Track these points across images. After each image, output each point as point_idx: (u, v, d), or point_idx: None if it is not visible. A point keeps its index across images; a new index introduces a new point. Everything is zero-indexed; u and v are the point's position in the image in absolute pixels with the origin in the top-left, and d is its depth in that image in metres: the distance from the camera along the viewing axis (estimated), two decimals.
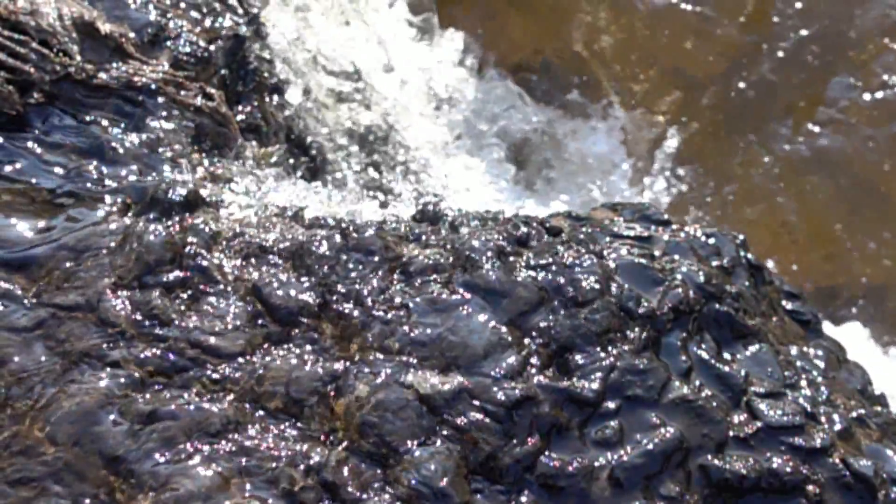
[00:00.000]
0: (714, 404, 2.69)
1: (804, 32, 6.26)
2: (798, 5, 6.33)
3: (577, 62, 6.21)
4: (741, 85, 6.21)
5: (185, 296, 2.69)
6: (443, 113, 5.45)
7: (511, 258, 2.84)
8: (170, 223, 2.83)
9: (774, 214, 5.91)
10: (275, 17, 4.11)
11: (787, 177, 5.99)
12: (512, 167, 5.68)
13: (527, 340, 2.69)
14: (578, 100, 6.13)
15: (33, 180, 2.91)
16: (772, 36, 6.30)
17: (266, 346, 2.63)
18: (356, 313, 2.70)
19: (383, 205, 3.94)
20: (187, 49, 3.47)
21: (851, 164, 6.02)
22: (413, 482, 2.42)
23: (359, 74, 4.61)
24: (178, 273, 2.72)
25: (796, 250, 5.81)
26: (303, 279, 2.76)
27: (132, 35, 3.34)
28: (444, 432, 2.51)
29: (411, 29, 5.46)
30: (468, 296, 2.73)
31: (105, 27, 3.27)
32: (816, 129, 6.06)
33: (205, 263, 2.74)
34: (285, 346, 2.63)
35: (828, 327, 3.68)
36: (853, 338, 5.13)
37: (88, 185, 2.94)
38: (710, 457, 2.63)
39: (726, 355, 2.87)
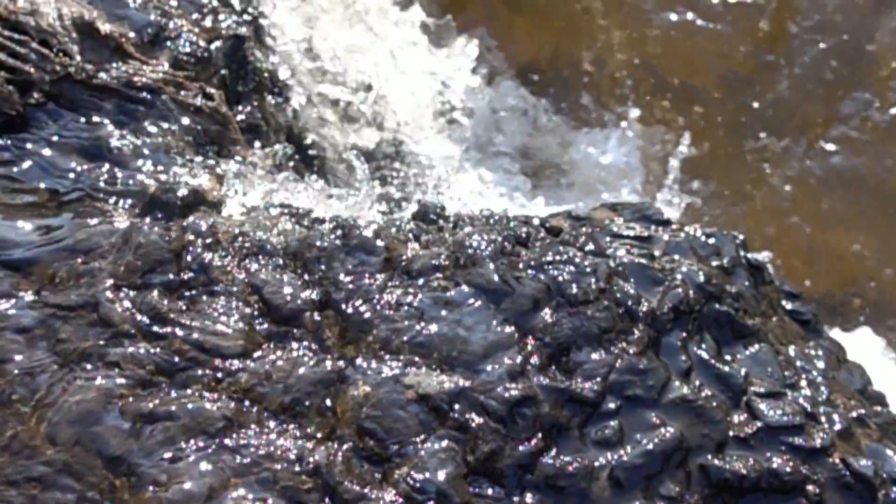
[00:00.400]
0: (714, 404, 2.69)
1: (821, 47, 6.24)
2: (814, 21, 6.29)
3: (590, 74, 6.20)
4: (755, 101, 6.18)
5: (186, 295, 2.69)
6: (454, 123, 5.45)
7: (512, 258, 2.84)
8: (171, 223, 2.83)
9: (788, 232, 5.88)
10: (282, 22, 4.12)
11: (802, 194, 5.95)
12: (523, 178, 5.66)
13: (527, 340, 2.69)
14: (592, 112, 6.11)
15: (34, 181, 2.92)
16: (787, 52, 6.27)
17: (267, 345, 2.63)
18: (357, 313, 2.69)
19: (390, 212, 3.94)
20: (187, 49, 3.47)
21: (867, 181, 5.98)
22: (414, 482, 2.42)
23: (368, 83, 4.62)
24: (179, 273, 2.71)
25: (810, 268, 5.77)
26: (304, 279, 2.76)
27: (132, 35, 3.34)
28: (445, 432, 2.51)
29: (422, 37, 5.45)
30: (469, 295, 2.73)
31: (105, 27, 3.28)
32: (832, 146, 6.03)
33: (206, 263, 2.74)
34: (286, 346, 2.63)
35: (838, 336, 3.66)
36: (868, 356, 5.08)
37: (90, 185, 2.95)
38: (710, 457, 2.63)
39: (726, 355, 2.86)
